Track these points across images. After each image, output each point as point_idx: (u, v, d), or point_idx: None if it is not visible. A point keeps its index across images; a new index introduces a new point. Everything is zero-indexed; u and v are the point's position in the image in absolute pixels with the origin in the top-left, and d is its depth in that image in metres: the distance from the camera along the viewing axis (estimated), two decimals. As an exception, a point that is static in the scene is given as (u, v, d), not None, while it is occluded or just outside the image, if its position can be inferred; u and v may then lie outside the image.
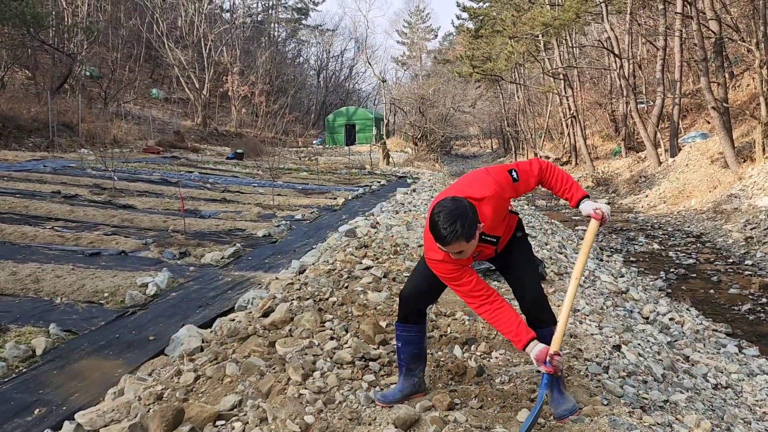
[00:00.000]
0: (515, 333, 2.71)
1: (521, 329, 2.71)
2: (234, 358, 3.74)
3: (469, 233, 2.52)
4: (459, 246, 2.54)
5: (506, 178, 2.76)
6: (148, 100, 37.29)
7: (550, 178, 2.89)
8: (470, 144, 67.25)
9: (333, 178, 19.16)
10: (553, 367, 2.66)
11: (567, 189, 2.89)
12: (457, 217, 2.50)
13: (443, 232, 2.51)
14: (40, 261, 6.60)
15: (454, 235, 2.50)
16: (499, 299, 2.77)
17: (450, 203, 2.56)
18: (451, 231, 2.49)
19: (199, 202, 11.61)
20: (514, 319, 2.73)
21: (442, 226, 2.51)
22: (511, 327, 2.71)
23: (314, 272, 5.77)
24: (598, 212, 2.79)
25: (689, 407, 3.14)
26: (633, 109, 21.83)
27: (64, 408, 3.61)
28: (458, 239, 2.51)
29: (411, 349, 3.08)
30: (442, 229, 2.51)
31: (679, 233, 12.84)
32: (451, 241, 2.52)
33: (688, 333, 5.73)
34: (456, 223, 2.49)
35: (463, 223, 2.50)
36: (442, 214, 2.52)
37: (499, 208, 2.75)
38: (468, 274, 2.75)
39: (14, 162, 16.01)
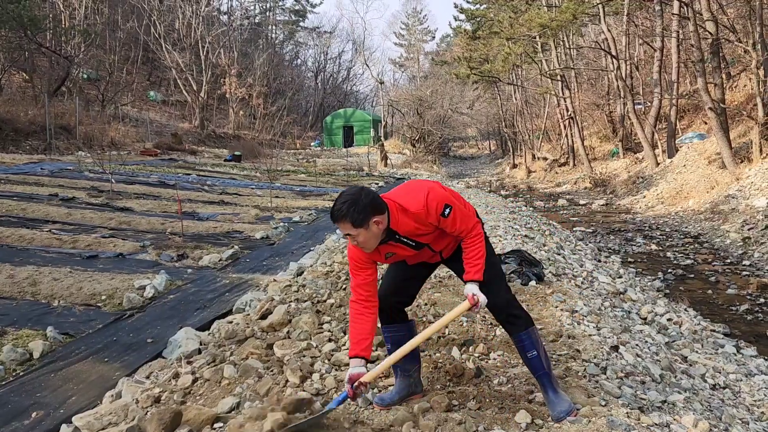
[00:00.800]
0: (356, 342, 2.85)
1: (362, 343, 2.83)
2: (232, 361, 3.74)
3: (353, 219, 2.64)
4: (345, 227, 2.69)
5: (437, 208, 2.76)
6: (146, 103, 37.29)
7: (470, 244, 2.88)
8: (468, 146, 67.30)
9: (331, 180, 19.17)
10: (353, 393, 2.76)
11: (473, 264, 2.87)
12: (349, 200, 2.65)
13: (333, 209, 2.70)
14: (37, 264, 6.59)
15: (339, 214, 2.66)
16: (373, 309, 2.89)
17: (354, 189, 2.72)
18: (339, 209, 2.66)
19: (197, 205, 11.60)
20: (367, 333, 2.85)
21: (335, 203, 2.70)
22: (357, 337, 2.85)
23: (312, 274, 5.78)
24: (474, 298, 2.79)
25: (687, 408, 3.14)
26: (630, 110, 21.87)
27: (61, 411, 3.59)
28: (342, 219, 2.66)
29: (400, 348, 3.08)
30: (334, 205, 2.70)
31: (676, 234, 12.85)
32: (337, 219, 2.69)
33: (686, 333, 5.73)
34: (345, 203, 2.65)
35: (350, 207, 2.64)
36: (343, 194, 2.71)
37: (421, 224, 2.79)
38: (369, 271, 2.89)
39: (11, 165, 15.99)
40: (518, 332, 2.91)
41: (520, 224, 10.13)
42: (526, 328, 2.91)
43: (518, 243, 7.37)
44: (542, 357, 2.91)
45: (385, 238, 2.80)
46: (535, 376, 2.94)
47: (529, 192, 24.16)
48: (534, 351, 2.89)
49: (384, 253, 2.89)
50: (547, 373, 2.91)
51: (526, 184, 27.60)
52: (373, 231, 2.70)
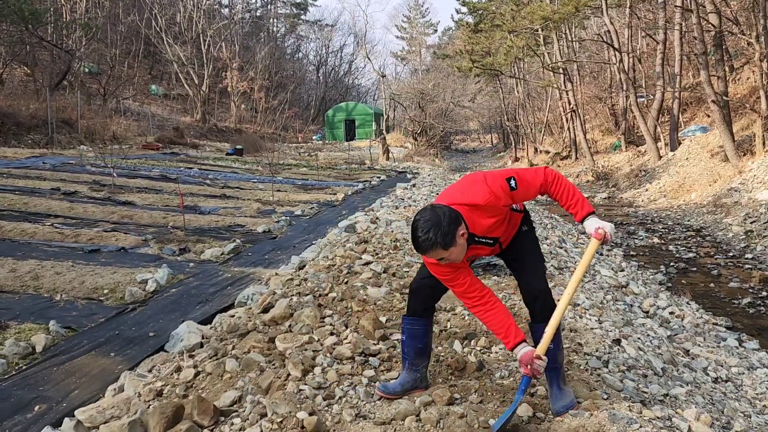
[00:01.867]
0: (505, 334, 2.76)
1: (510, 330, 2.75)
2: (234, 354, 3.74)
3: (444, 242, 2.56)
4: (437, 254, 2.61)
5: (503, 187, 2.72)
6: (147, 97, 37.25)
7: (556, 190, 2.82)
8: (470, 139, 67.21)
9: (333, 173, 19.15)
10: (532, 370, 2.69)
11: (573, 204, 2.82)
12: (432, 226, 2.56)
13: (419, 241, 2.60)
14: (39, 258, 6.60)
15: (428, 243, 2.57)
16: (493, 300, 2.80)
17: (428, 213, 2.61)
18: (425, 239, 2.57)
19: (199, 198, 11.60)
20: (505, 320, 2.77)
21: (418, 234, 2.59)
22: (502, 328, 2.76)
23: (314, 268, 5.77)
24: (600, 232, 2.71)
25: (689, 401, 3.14)
26: (633, 103, 21.79)
27: (64, 405, 3.60)
28: (433, 248, 2.58)
29: (416, 343, 3.07)
30: (418, 237, 2.59)
31: (679, 227, 12.83)
32: (426, 249, 2.60)
33: (688, 327, 5.73)
34: (430, 231, 2.55)
35: (437, 232, 2.55)
36: (419, 223, 2.59)
37: (495, 214, 2.76)
38: (463, 275, 2.79)
39: (13, 159, 16.00)
40: (544, 321, 2.84)
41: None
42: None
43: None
44: (558, 351, 2.90)
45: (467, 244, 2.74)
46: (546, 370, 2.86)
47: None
48: (552, 344, 2.84)
49: (467, 258, 2.81)
50: (558, 367, 2.89)
51: (528, 178, 27.50)
52: (460, 244, 2.64)
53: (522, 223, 3.02)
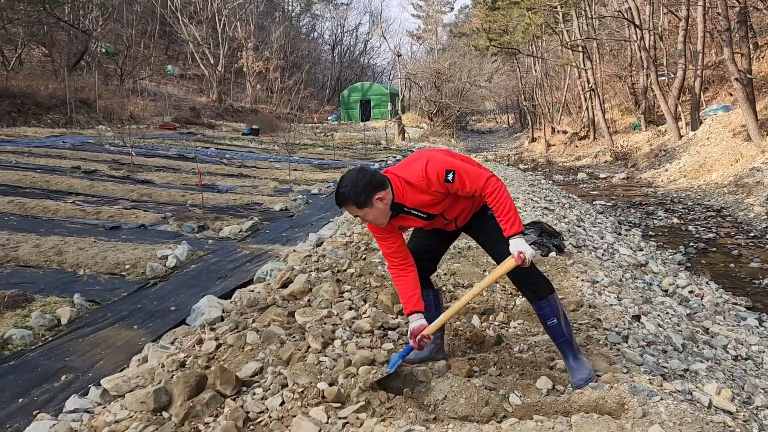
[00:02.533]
0: (406, 300, 2.96)
1: (412, 299, 2.94)
2: (254, 327, 3.79)
3: (357, 200, 2.71)
4: (351, 210, 2.77)
5: (439, 176, 2.75)
6: (164, 77, 37.33)
7: (491, 201, 2.81)
8: (486, 119, 66.65)
9: (348, 153, 19.14)
10: (419, 345, 2.90)
11: (505, 219, 2.81)
12: (349, 182, 2.72)
13: (336, 194, 2.77)
14: (62, 234, 6.70)
15: (341, 198, 2.74)
16: (411, 269, 2.98)
17: (354, 172, 2.77)
18: (340, 194, 2.74)
19: (216, 177, 11.67)
20: (412, 290, 2.96)
21: (337, 189, 2.76)
22: (406, 294, 2.97)
23: (332, 245, 5.81)
24: (521, 256, 2.74)
25: (710, 376, 3.13)
26: (653, 82, 21.43)
27: (90, 375, 3.69)
28: (346, 203, 2.74)
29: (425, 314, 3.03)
30: (336, 190, 2.77)
31: (699, 207, 12.67)
32: (340, 203, 2.77)
33: (707, 306, 5.68)
34: (345, 187, 2.72)
35: (351, 190, 2.70)
36: (342, 178, 2.77)
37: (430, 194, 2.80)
38: (393, 239, 2.96)
39: (34, 138, 16.19)
40: (538, 300, 2.91)
41: (539, 197, 10.05)
42: (546, 296, 2.90)
43: (538, 215, 7.33)
44: (562, 324, 2.90)
45: (394, 212, 2.84)
46: (556, 344, 2.95)
47: (548, 166, 23.91)
48: (554, 319, 2.89)
49: (396, 226, 2.95)
50: (568, 340, 2.90)
51: (545, 158, 27.29)
52: (378, 208, 2.75)
53: (487, 208, 2.97)
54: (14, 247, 6.11)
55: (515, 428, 2.42)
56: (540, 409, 2.61)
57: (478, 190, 2.80)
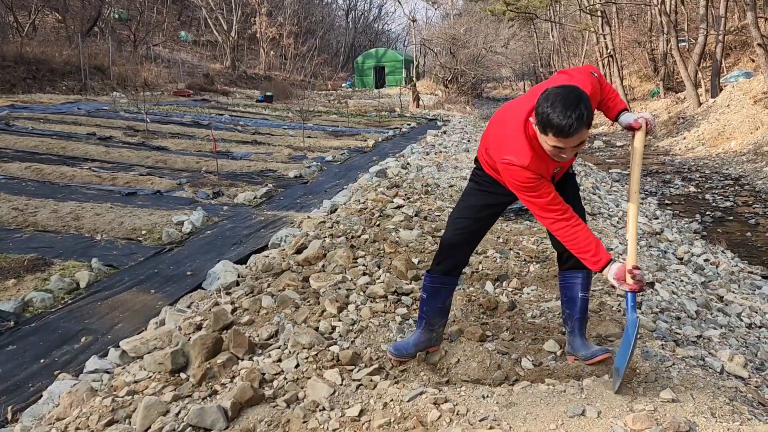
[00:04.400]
0: (594, 252, 2.45)
1: (599, 249, 2.46)
2: (269, 292, 3.83)
3: (590, 118, 2.25)
4: (581, 135, 2.25)
5: (594, 81, 2.51)
6: (177, 43, 37.12)
7: (603, 83, 2.61)
8: (501, 86, 65.70)
9: (362, 120, 19.02)
10: (636, 283, 2.41)
11: (612, 98, 2.61)
12: (578, 101, 2.21)
13: (566, 121, 2.20)
14: (79, 200, 6.78)
15: (580, 121, 2.21)
16: (576, 216, 2.49)
17: (561, 90, 2.26)
18: (578, 116, 2.20)
19: (231, 144, 11.68)
20: (592, 238, 2.47)
21: (563, 113, 2.19)
22: (590, 247, 2.45)
23: (346, 211, 5.82)
24: (639, 121, 2.49)
25: (723, 343, 3.13)
26: (674, 48, 20.95)
27: (109, 336, 3.77)
28: (582, 126, 2.23)
29: (436, 303, 2.85)
30: (565, 117, 2.19)
31: (716, 176, 12.50)
32: (577, 128, 2.22)
33: (722, 274, 5.65)
34: (579, 107, 2.20)
35: (587, 106, 2.23)
36: (560, 100, 2.21)
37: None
38: (546, 185, 2.46)
39: (49, 105, 16.25)
40: (580, 270, 2.73)
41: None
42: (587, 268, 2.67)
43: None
44: (588, 301, 2.82)
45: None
46: (573, 319, 2.80)
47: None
48: (587, 293, 2.78)
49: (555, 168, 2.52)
50: (586, 318, 2.83)
51: (561, 126, 26.92)
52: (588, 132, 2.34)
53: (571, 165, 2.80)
54: (32, 212, 6.20)
55: (527, 391, 2.45)
56: (552, 373, 2.63)
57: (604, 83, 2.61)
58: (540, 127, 2.28)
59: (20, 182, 7.64)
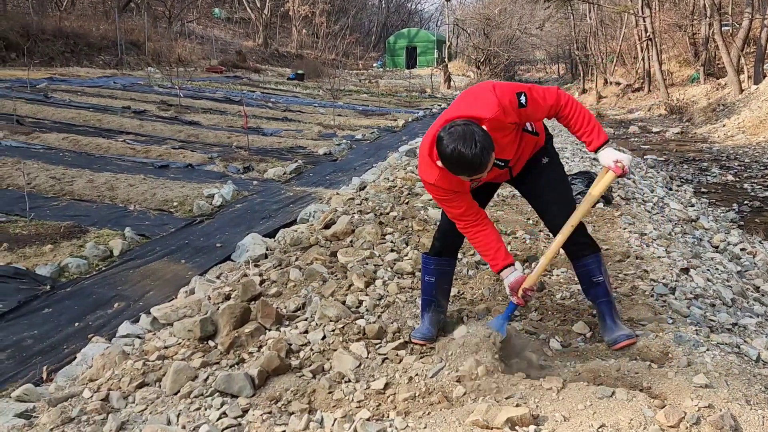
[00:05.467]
0: (492, 257, 2.63)
1: (499, 254, 2.61)
2: (297, 265, 3.85)
3: (491, 146, 2.31)
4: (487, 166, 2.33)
5: (512, 101, 2.45)
6: (211, 20, 37.30)
7: (569, 113, 2.53)
8: (535, 69, 64.59)
9: (393, 100, 18.92)
10: (521, 301, 2.58)
11: (589, 131, 2.53)
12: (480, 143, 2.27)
13: (471, 162, 2.28)
14: (113, 171, 6.89)
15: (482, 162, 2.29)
16: (485, 223, 2.65)
17: (454, 130, 2.31)
18: (479, 160, 2.28)
19: (261, 121, 11.74)
20: (495, 243, 2.62)
21: (468, 154, 2.26)
22: (489, 251, 2.62)
23: (375, 189, 5.81)
24: (618, 164, 2.48)
25: (759, 332, 3.05)
26: (716, 32, 20.27)
27: (140, 303, 3.84)
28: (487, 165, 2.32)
29: (443, 283, 2.91)
30: (472, 156, 2.27)
31: (756, 165, 12.12)
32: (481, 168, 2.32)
33: (760, 264, 5.49)
34: (481, 150, 2.27)
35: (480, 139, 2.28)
36: (458, 142, 2.27)
37: (504, 132, 2.51)
38: (461, 197, 2.60)
39: (86, 78, 16.53)
40: (585, 256, 2.73)
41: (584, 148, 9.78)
42: (593, 252, 2.74)
43: (586, 165, 7.15)
44: (607, 283, 2.77)
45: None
46: (596, 303, 2.78)
47: (599, 118, 23.13)
48: (600, 276, 2.73)
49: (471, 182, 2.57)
50: (610, 301, 2.77)
51: (596, 110, 26.37)
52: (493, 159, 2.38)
53: (542, 154, 2.76)
54: (69, 181, 6.32)
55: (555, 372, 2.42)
56: (581, 354, 2.60)
57: (554, 107, 2.53)
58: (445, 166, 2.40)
59: (58, 152, 7.80)
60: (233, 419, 2.32)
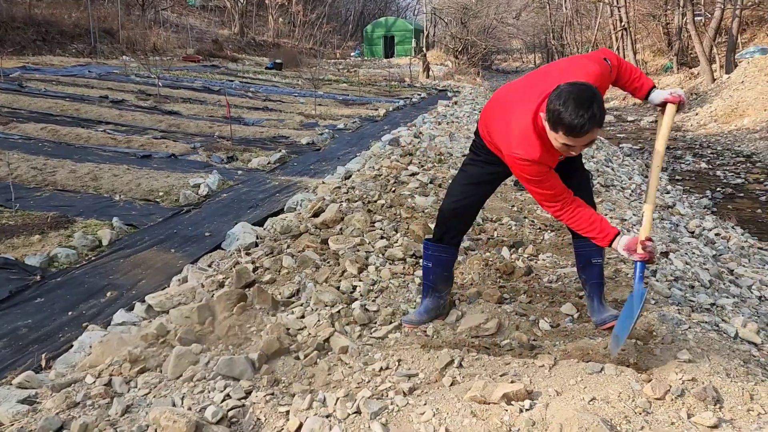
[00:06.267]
0: (599, 230, 2.52)
1: (604, 225, 2.53)
2: (289, 252, 3.91)
3: (602, 118, 2.24)
4: (592, 134, 2.26)
5: (602, 65, 2.51)
6: (185, 8, 36.77)
7: (624, 67, 2.65)
8: (512, 58, 64.93)
9: (373, 90, 18.92)
10: (647, 253, 2.43)
11: (637, 78, 2.64)
12: (591, 100, 2.20)
13: (578, 120, 2.19)
14: (95, 161, 6.84)
15: (592, 121, 2.20)
16: (577, 201, 2.56)
17: (574, 87, 2.24)
18: (590, 116, 2.19)
19: (242, 110, 11.68)
20: (595, 218, 2.55)
21: (575, 112, 2.18)
22: (594, 226, 2.53)
23: (361, 177, 5.87)
24: (674, 95, 2.56)
25: (736, 311, 3.20)
26: (689, 22, 20.66)
27: (133, 292, 3.86)
28: (594, 125, 2.22)
29: (441, 270, 2.95)
30: (578, 116, 2.18)
31: (728, 152, 12.45)
32: (589, 128, 2.21)
33: (733, 248, 5.69)
34: (592, 106, 2.19)
35: (599, 106, 2.21)
36: (573, 98, 2.20)
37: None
38: (553, 177, 2.50)
39: (60, 67, 16.24)
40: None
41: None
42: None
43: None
44: (602, 266, 2.88)
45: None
46: (589, 284, 2.88)
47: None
48: (599, 259, 2.83)
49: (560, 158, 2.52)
50: (601, 283, 2.89)
51: (572, 100, 26.71)
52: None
53: None
54: (51, 172, 6.27)
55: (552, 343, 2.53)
56: (569, 334, 2.71)
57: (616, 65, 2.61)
58: (551, 124, 2.28)
59: (37, 142, 7.70)
60: (237, 401, 2.38)
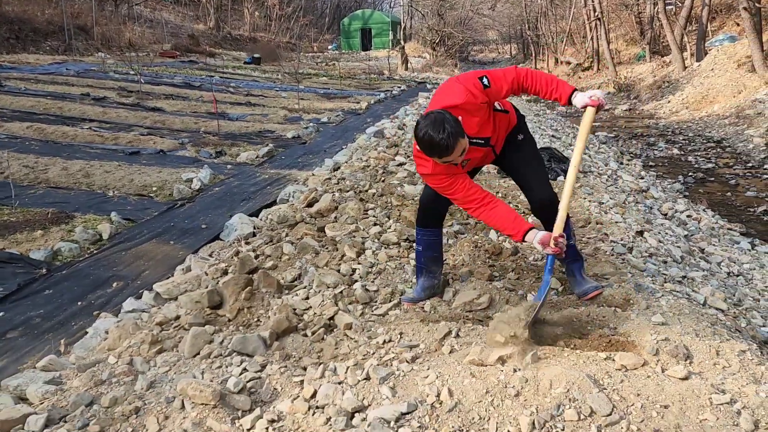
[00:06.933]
0: (512, 227, 2.75)
1: (517, 222, 2.74)
2: (289, 240, 4.11)
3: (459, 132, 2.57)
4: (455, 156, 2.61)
5: (476, 85, 2.76)
6: (159, 2, 36.39)
7: (531, 83, 2.81)
8: (488, 50, 65.34)
9: (353, 83, 19.07)
10: (558, 248, 2.68)
11: (555, 88, 2.80)
12: (447, 130, 2.54)
13: (437, 146, 2.56)
14: (84, 158, 6.93)
15: (446, 146, 2.55)
16: (493, 199, 2.80)
17: (428, 117, 2.60)
18: (444, 144, 2.54)
19: (225, 105, 11.77)
20: (509, 214, 2.76)
21: (436, 137, 2.55)
22: (507, 222, 2.75)
23: (350, 169, 6.07)
24: (594, 99, 2.74)
25: (705, 282, 3.48)
26: (660, 11, 21.11)
27: (138, 282, 4.02)
28: (454, 148, 2.57)
29: (431, 252, 3.20)
30: (435, 143, 2.56)
31: (699, 138, 12.87)
32: (446, 152, 2.58)
33: (704, 229, 6.02)
34: (446, 135, 2.53)
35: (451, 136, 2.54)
36: (429, 127, 2.57)
37: (477, 113, 2.79)
38: (460, 180, 2.78)
39: (37, 65, 16.11)
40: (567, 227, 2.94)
41: (546, 126, 10.25)
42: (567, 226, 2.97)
43: (546, 142, 7.56)
44: (575, 246, 3.13)
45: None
46: (566, 262, 3.13)
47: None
48: (572, 240, 3.07)
49: (462, 162, 2.80)
50: (578, 259, 3.14)
51: (548, 90, 27.09)
52: (464, 140, 2.65)
53: (517, 131, 3.09)
54: (43, 169, 6.37)
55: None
56: (555, 305, 2.96)
57: (515, 80, 2.81)
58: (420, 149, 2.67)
59: (24, 141, 7.75)
60: (254, 373, 2.59)
